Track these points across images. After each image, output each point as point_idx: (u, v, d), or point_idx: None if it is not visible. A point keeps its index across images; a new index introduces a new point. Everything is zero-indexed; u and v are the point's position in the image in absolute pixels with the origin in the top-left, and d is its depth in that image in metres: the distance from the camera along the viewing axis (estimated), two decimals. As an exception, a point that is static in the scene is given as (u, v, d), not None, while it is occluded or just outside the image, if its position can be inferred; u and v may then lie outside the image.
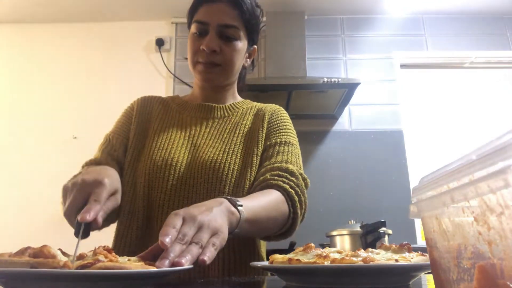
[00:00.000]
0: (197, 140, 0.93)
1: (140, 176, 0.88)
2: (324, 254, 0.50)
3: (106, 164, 0.88)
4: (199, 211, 0.58)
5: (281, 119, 0.99)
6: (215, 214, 0.60)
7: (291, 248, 1.77)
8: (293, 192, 0.82)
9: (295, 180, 0.85)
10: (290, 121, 1.01)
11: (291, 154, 0.92)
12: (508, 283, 0.20)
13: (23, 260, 0.42)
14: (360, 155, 2.39)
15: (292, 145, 0.94)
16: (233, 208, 0.64)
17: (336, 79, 2.01)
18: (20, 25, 2.67)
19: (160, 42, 2.58)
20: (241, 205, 0.66)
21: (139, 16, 2.62)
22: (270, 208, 0.77)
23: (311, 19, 2.59)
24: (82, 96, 2.52)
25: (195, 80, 1.01)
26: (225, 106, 1.00)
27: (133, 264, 0.46)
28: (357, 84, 2.06)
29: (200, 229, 0.56)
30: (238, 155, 0.90)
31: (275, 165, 0.87)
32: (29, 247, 0.47)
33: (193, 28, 0.92)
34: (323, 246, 1.74)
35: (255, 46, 1.04)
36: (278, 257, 0.55)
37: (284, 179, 0.83)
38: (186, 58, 0.97)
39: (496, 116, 2.49)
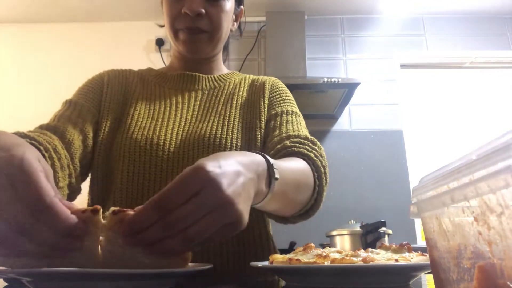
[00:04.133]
0: (186, 114, 0.80)
1: (118, 161, 0.73)
2: (324, 254, 0.50)
3: (65, 132, 0.70)
4: (228, 182, 0.40)
5: (283, 90, 0.89)
6: (241, 192, 0.42)
7: (291, 248, 1.77)
8: (319, 162, 0.70)
9: (318, 149, 0.72)
10: (290, 93, 0.92)
11: (301, 124, 0.81)
12: (508, 283, 0.20)
13: None
14: (360, 155, 2.39)
15: (299, 116, 0.84)
16: (265, 179, 0.50)
17: (336, 79, 2.01)
18: (20, 25, 2.67)
19: (160, 42, 2.58)
20: (277, 179, 0.52)
21: (139, 16, 2.62)
22: (300, 178, 0.64)
23: (311, 19, 2.59)
24: (82, 96, 2.51)
25: (173, 51, 0.90)
26: (213, 76, 0.88)
27: None
28: (357, 84, 2.06)
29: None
30: (239, 128, 0.78)
31: (292, 133, 0.75)
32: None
33: None
34: (323, 246, 1.74)
35: (242, 7, 0.92)
36: (278, 257, 0.54)
37: (307, 147, 0.71)
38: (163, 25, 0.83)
39: (496, 116, 2.49)
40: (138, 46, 2.63)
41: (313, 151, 0.71)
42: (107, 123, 0.78)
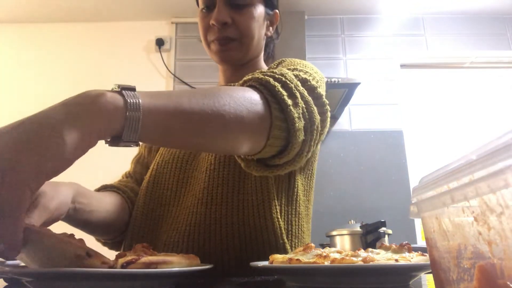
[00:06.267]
0: None
1: (148, 175, 0.82)
2: (324, 254, 0.50)
3: (134, 175, 0.90)
4: None
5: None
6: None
7: (291, 248, 1.77)
8: (271, 80, 0.56)
9: (289, 73, 0.60)
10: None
11: None
12: (508, 283, 0.20)
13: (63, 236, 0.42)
14: (360, 155, 2.39)
15: None
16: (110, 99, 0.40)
17: (336, 79, 2.01)
18: (20, 25, 2.67)
19: (160, 42, 2.58)
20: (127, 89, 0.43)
21: (139, 16, 2.62)
22: (213, 95, 0.49)
23: (311, 19, 2.59)
24: (82, 96, 2.51)
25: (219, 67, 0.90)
26: None
27: (175, 258, 0.48)
28: (357, 84, 2.06)
29: None
30: None
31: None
32: (72, 234, 0.46)
33: (200, 3, 0.82)
34: (323, 246, 1.74)
35: (277, 11, 0.92)
36: (278, 257, 0.54)
37: (266, 76, 0.57)
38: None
39: (496, 116, 2.49)
40: (138, 46, 2.63)
41: (274, 76, 0.57)
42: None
